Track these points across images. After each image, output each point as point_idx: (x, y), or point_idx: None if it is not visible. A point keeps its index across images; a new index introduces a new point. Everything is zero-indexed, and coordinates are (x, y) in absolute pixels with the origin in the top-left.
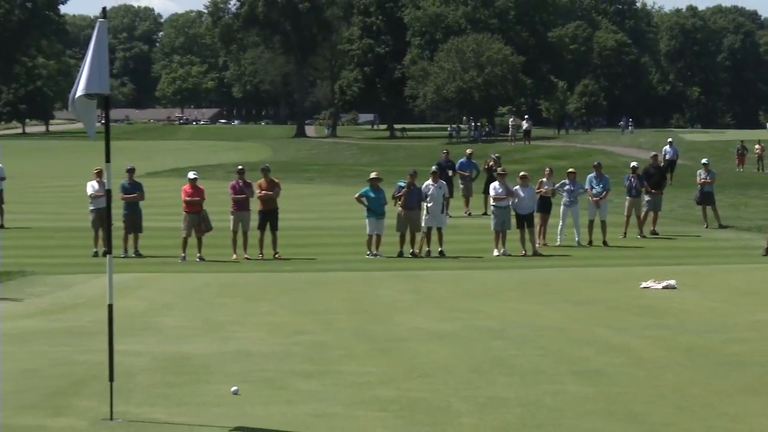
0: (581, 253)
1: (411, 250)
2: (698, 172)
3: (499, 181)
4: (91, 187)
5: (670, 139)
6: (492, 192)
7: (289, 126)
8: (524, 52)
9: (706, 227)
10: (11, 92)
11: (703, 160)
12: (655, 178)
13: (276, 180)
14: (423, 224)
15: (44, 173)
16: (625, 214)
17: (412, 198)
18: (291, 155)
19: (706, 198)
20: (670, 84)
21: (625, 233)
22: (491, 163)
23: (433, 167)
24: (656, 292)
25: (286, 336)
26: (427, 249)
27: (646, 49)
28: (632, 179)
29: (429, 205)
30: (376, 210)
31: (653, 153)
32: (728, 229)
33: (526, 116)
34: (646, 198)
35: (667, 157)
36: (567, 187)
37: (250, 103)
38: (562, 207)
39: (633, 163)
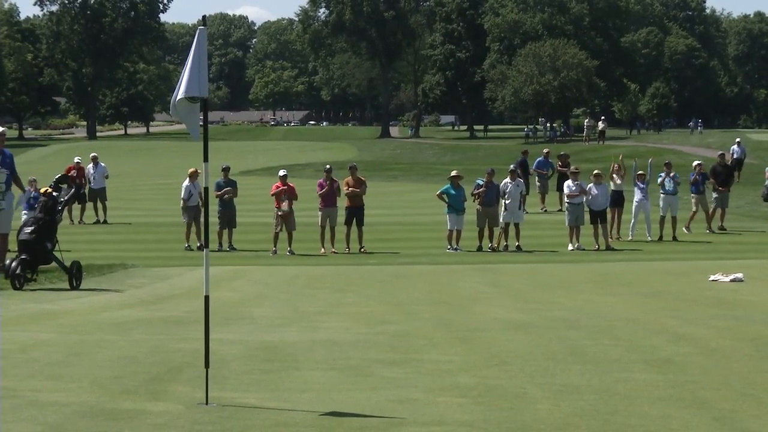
0: (652, 247)
1: (489, 245)
2: (766, 170)
3: (572, 179)
4: (186, 188)
5: (738, 139)
6: (566, 190)
7: (375, 127)
8: (598, 57)
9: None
10: (114, 96)
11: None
12: (722, 176)
13: (362, 178)
14: (501, 220)
15: (144, 172)
16: (693, 209)
17: (490, 195)
18: (376, 155)
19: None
20: (738, 86)
21: (689, 227)
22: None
23: (512, 166)
24: (724, 284)
25: (370, 326)
26: (505, 243)
27: (714, 53)
28: (697, 176)
29: (507, 201)
30: (456, 206)
31: (721, 152)
32: None
33: (602, 117)
34: (714, 195)
35: (735, 156)
36: (641, 186)
37: (338, 105)
38: (634, 203)
39: (695, 162)
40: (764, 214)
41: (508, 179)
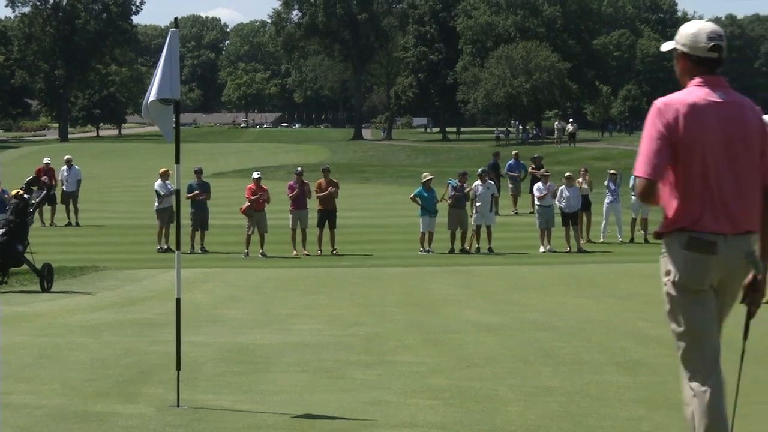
0: (623, 249)
1: (461, 247)
2: None
3: (542, 182)
4: (160, 186)
5: None
6: (536, 192)
7: (347, 129)
8: (570, 59)
9: None
10: (86, 98)
11: None
12: None
13: (335, 180)
14: (473, 222)
15: (116, 174)
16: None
17: (461, 198)
18: (349, 157)
19: None
20: None
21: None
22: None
23: (479, 170)
24: None
25: (343, 328)
26: (477, 246)
27: None
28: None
29: (477, 204)
30: (429, 208)
31: None
32: None
33: (571, 120)
34: None
35: None
36: (611, 186)
37: (311, 107)
38: (605, 205)
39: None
40: None
41: (478, 182)
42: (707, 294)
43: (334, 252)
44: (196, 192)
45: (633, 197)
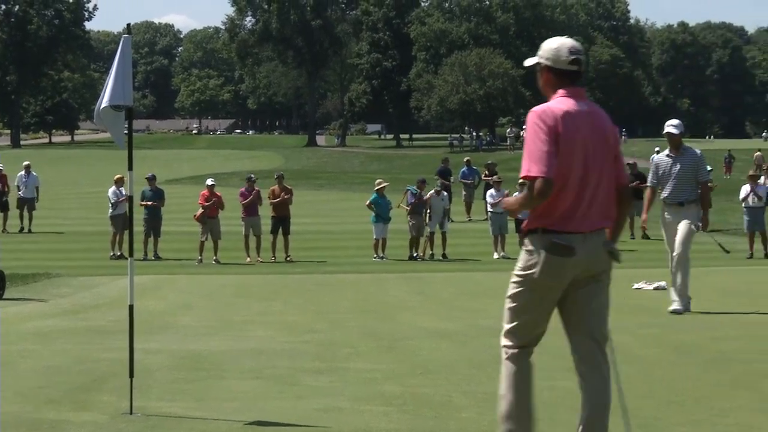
0: None
1: (415, 254)
2: None
3: (494, 188)
4: (113, 193)
5: (657, 148)
6: (488, 199)
7: (301, 136)
8: (524, 66)
9: (697, 230)
10: (39, 104)
11: (708, 168)
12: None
13: (289, 187)
14: (427, 229)
15: (69, 180)
16: None
17: (420, 204)
18: (302, 163)
19: None
20: (662, 96)
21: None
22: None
23: (437, 185)
24: (647, 292)
25: (297, 335)
26: (431, 252)
27: (639, 63)
28: None
29: (430, 214)
30: (383, 215)
31: (631, 161)
32: (715, 233)
33: (524, 126)
34: None
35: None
36: None
37: (264, 114)
38: None
39: None
40: None
41: (433, 192)
42: (563, 287)
43: (288, 259)
44: (153, 203)
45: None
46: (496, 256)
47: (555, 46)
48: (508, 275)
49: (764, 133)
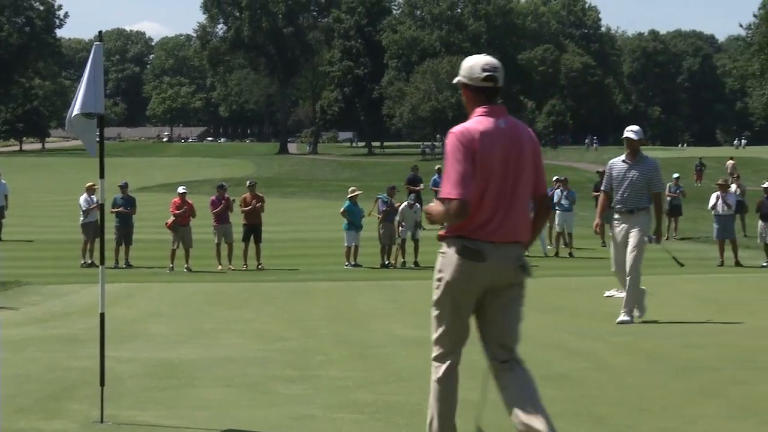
0: (549, 263)
1: (387, 261)
2: (668, 185)
3: None
4: (85, 201)
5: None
6: None
7: (273, 143)
8: None
9: (667, 239)
10: (9, 112)
11: (675, 175)
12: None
13: (260, 195)
14: (398, 236)
15: (40, 188)
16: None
17: (391, 212)
18: (274, 171)
19: (674, 210)
20: (633, 104)
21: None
22: None
23: (410, 198)
24: (619, 300)
25: (268, 342)
26: (403, 260)
27: (610, 71)
28: (557, 192)
29: (403, 223)
30: (355, 223)
31: (600, 168)
32: (686, 241)
33: None
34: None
35: None
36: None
37: (236, 121)
38: None
39: (554, 177)
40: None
41: (405, 204)
42: (478, 294)
43: (260, 266)
44: (123, 209)
45: (557, 211)
46: None
47: (470, 63)
48: None
49: (736, 141)
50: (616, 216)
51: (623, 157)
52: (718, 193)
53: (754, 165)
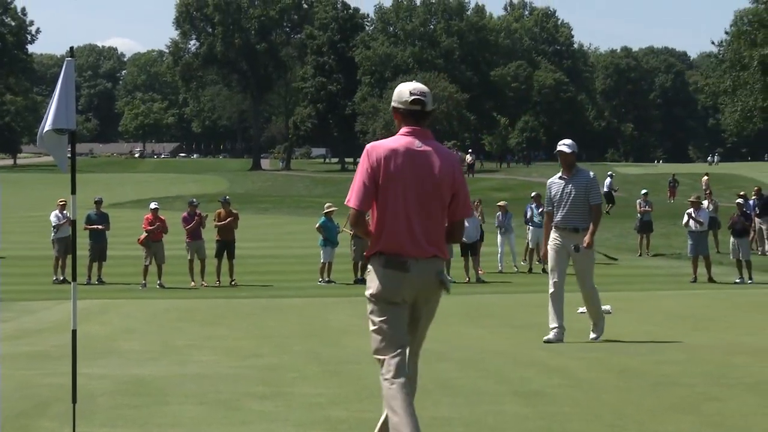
0: (522, 279)
1: (360, 277)
2: (638, 201)
3: None
4: (56, 217)
5: (610, 172)
6: None
7: (246, 159)
8: (468, 90)
9: (640, 255)
10: None
11: (643, 191)
12: None
13: (234, 211)
14: None
15: (11, 204)
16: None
17: None
18: (247, 187)
19: (645, 226)
20: (606, 120)
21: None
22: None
23: None
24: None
25: (241, 359)
26: None
27: (582, 88)
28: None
29: None
30: (331, 239)
31: None
32: (660, 257)
33: (470, 150)
34: None
35: (605, 189)
36: (500, 217)
37: (209, 137)
38: (498, 236)
39: (533, 193)
40: (631, 246)
41: None
42: (401, 306)
43: (233, 283)
44: (97, 226)
45: (530, 228)
46: None
47: (400, 89)
48: (453, 299)
49: (709, 157)
50: (556, 234)
51: (560, 174)
52: (691, 210)
53: (726, 181)
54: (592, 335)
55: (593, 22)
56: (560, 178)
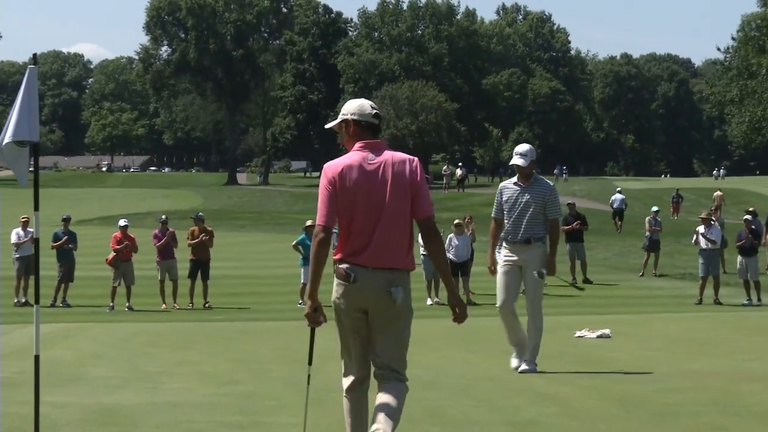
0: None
1: None
2: (648, 219)
3: None
4: (16, 235)
5: (618, 188)
6: (421, 241)
7: (221, 173)
8: (458, 99)
9: (642, 275)
10: None
11: (654, 209)
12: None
13: (209, 228)
14: None
15: None
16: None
17: None
18: (222, 203)
19: (654, 245)
20: (605, 131)
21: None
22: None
23: None
24: (590, 341)
25: (216, 386)
26: None
27: (580, 97)
28: None
29: None
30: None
31: (569, 201)
32: (662, 278)
33: (459, 164)
34: (567, 246)
35: (615, 205)
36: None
37: (181, 150)
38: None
39: None
40: (632, 266)
41: None
42: (357, 314)
43: (207, 305)
44: (63, 241)
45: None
46: (429, 302)
47: (358, 103)
48: (442, 322)
49: (715, 171)
50: (507, 246)
51: (515, 179)
52: (701, 227)
53: (734, 197)
54: (524, 366)
55: (591, 28)
56: (516, 183)
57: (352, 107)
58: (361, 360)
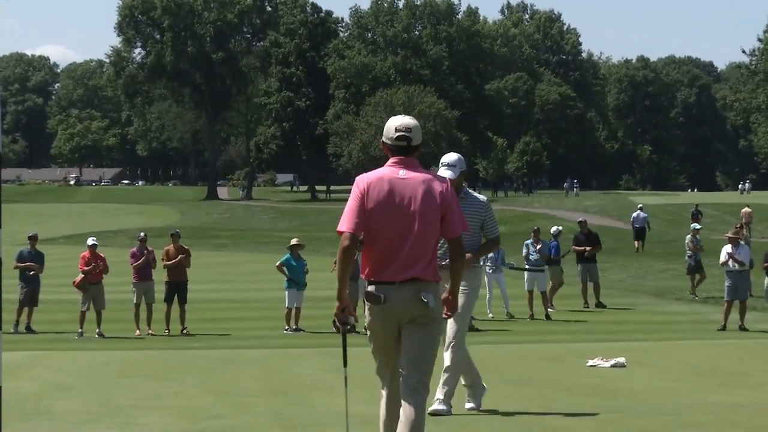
0: (521, 327)
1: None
2: (688, 238)
3: None
4: None
5: (640, 205)
6: None
7: (200, 187)
8: (459, 106)
9: (695, 297)
10: None
11: (695, 226)
12: (584, 245)
13: (186, 247)
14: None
15: None
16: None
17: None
18: (201, 219)
19: (697, 266)
20: (619, 141)
21: (551, 304)
22: None
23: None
24: (604, 370)
25: (194, 421)
26: (355, 322)
27: (592, 104)
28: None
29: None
30: (297, 280)
31: (580, 218)
32: (681, 301)
33: None
34: (578, 267)
35: (637, 225)
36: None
37: (157, 161)
38: (485, 277)
39: (554, 228)
40: (649, 288)
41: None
42: (395, 330)
43: (185, 331)
44: (30, 264)
45: (527, 270)
46: None
47: (388, 124)
48: (441, 350)
49: (740, 185)
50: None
51: None
52: (729, 246)
53: (760, 213)
54: (470, 404)
55: (604, 28)
56: None
57: (386, 127)
58: (395, 373)
